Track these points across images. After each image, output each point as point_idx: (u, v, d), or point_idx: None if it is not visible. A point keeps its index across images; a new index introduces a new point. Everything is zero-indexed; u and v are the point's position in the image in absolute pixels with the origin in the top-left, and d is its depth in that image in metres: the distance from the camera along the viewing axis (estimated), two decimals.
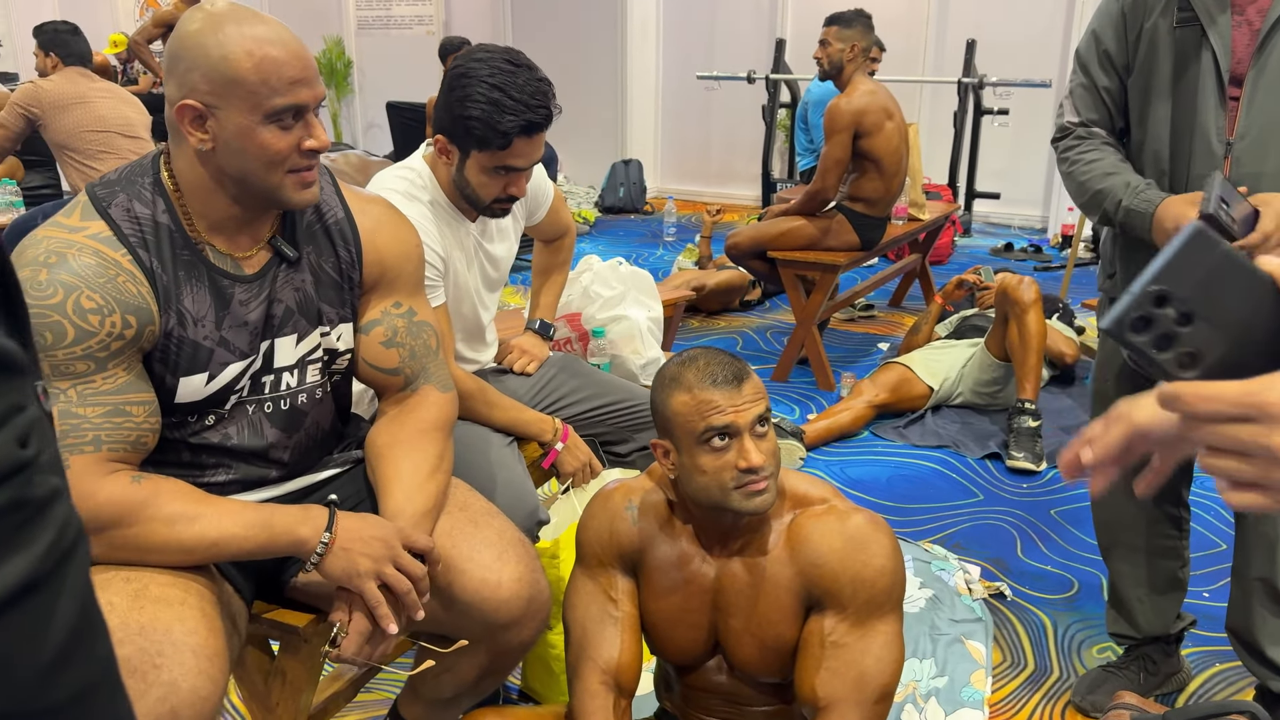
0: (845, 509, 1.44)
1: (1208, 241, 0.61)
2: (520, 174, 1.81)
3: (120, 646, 1.17)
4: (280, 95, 1.24)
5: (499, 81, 1.73)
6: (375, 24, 8.90)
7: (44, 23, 4.19)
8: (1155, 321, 0.61)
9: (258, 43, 1.23)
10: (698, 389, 1.38)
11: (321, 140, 1.29)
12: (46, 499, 0.44)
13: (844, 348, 4.36)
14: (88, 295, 1.22)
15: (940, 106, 6.98)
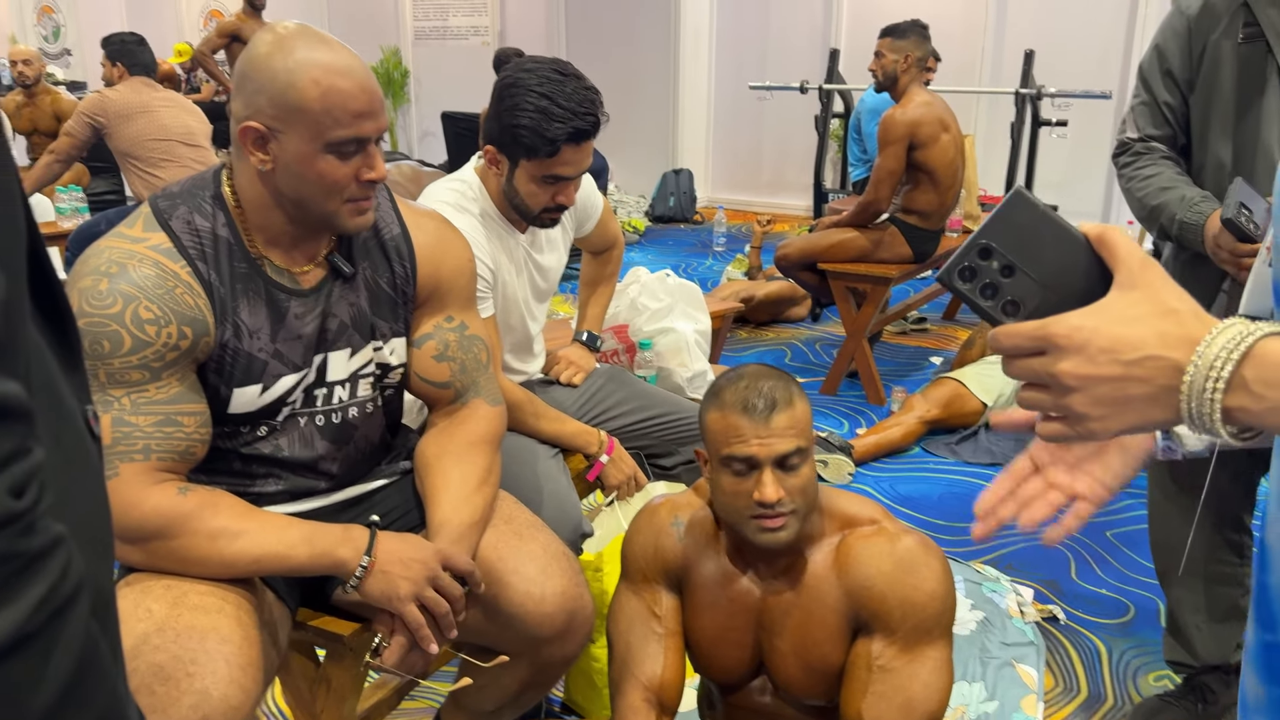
0: (895, 530, 1.41)
1: (1027, 202, 0.69)
2: (569, 183, 1.82)
3: (155, 653, 1.19)
4: (343, 127, 1.25)
5: (547, 90, 1.73)
6: (432, 34, 9.01)
7: (112, 34, 4.30)
8: (980, 272, 0.69)
9: (325, 72, 1.23)
10: (729, 411, 1.35)
11: (380, 172, 1.30)
12: (41, 550, 0.43)
13: (895, 361, 4.31)
14: (146, 306, 1.24)
15: (997, 117, 6.88)
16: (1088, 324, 0.65)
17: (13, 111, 5.47)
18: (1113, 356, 0.64)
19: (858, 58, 6.80)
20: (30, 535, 0.42)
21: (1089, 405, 0.65)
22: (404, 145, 9.36)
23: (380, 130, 1.30)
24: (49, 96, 5.53)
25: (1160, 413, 0.64)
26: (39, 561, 0.43)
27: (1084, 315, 0.65)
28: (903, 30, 3.68)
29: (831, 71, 6.70)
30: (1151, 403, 0.64)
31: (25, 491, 0.42)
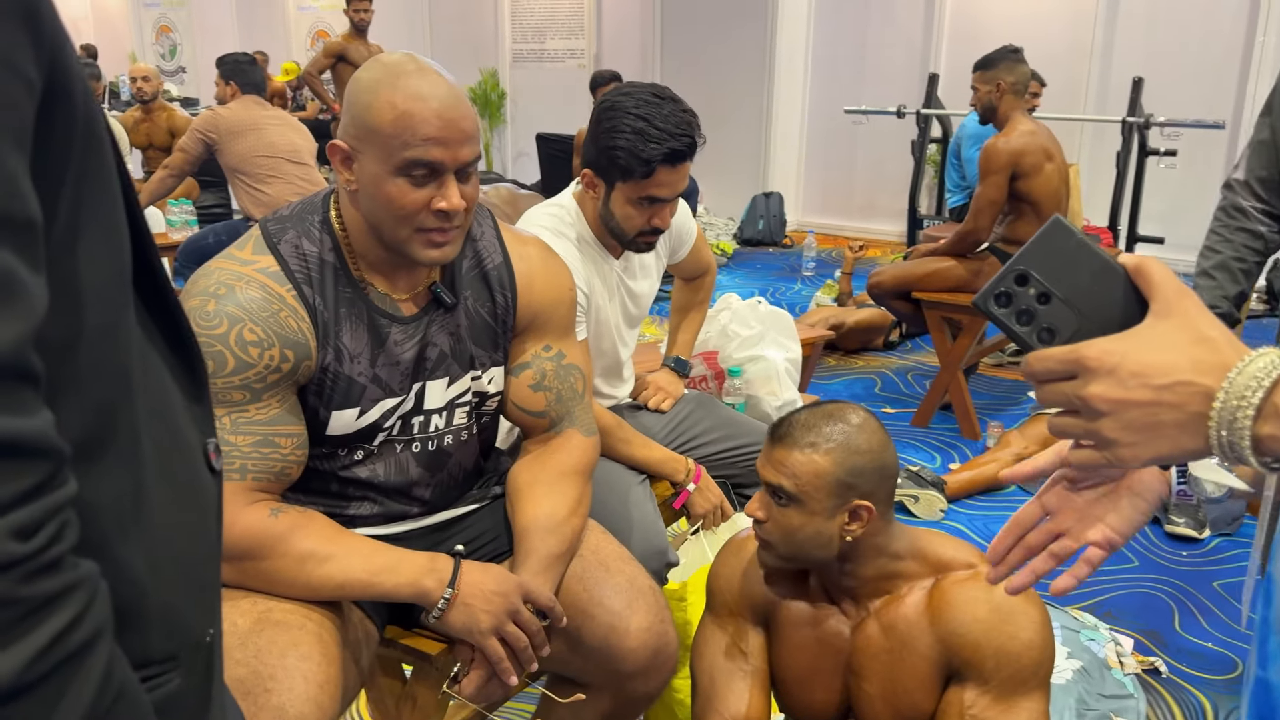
0: None
1: (1065, 230, 0.69)
2: (664, 205, 1.81)
3: (236, 667, 1.20)
4: (411, 149, 1.23)
5: (644, 112, 1.74)
6: (529, 57, 9.16)
7: (226, 54, 4.48)
8: (1016, 298, 0.70)
9: (406, 97, 1.23)
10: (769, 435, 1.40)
11: (453, 203, 1.26)
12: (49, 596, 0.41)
13: (991, 395, 4.20)
14: (250, 328, 1.26)
15: (1102, 145, 6.69)
16: (1119, 348, 0.65)
17: (130, 127, 5.72)
18: (1143, 381, 0.63)
19: (957, 83, 6.70)
20: (37, 580, 0.40)
21: (1119, 430, 0.65)
22: (498, 166, 9.53)
23: (458, 161, 1.26)
24: (165, 113, 5.77)
25: (1191, 440, 0.63)
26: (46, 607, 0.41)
27: (1116, 340, 0.65)
28: (990, 60, 3.60)
29: (930, 96, 6.60)
30: (1182, 430, 0.63)
31: (36, 533, 0.40)
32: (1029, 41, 6.60)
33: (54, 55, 0.43)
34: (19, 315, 0.40)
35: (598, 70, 5.53)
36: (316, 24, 10.45)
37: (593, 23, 8.69)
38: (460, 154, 1.26)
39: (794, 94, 8.02)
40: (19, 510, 0.40)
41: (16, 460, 0.40)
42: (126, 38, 11.98)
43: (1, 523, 0.39)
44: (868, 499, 1.33)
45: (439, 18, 9.64)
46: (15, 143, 0.41)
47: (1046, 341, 0.69)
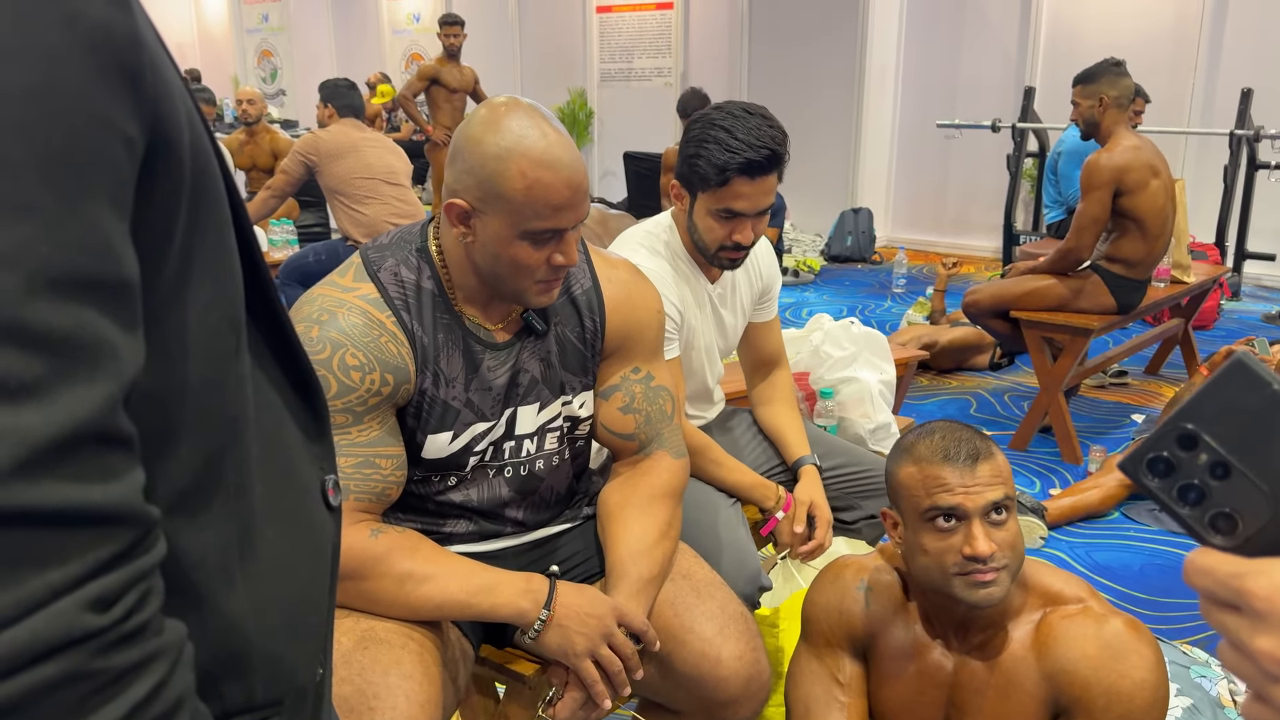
0: (1102, 611, 1.31)
1: (1253, 376, 0.49)
2: (745, 220, 1.79)
3: (340, 685, 1.22)
4: (542, 219, 1.26)
5: (728, 124, 1.74)
6: (617, 76, 9.24)
7: (328, 79, 4.61)
8: (1180, 466, 0.51)
9: (534, 165, 1.23)
10: (928, 463, 1.30)
11: (571, 258, 1.30)
12: (127, 669, 0.40)
13: (1093, 417, 4.05)
14: (352, 353, 1.29)
15: (1207, 159, 6.44)
16: None
17: (235, 148, 5.92)
18: None
19: (1054, 96, 6.53)
20: (115, 651, 0.40)
21: None
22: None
23: (579, 220, 1.29)
24: (268, 135, 5.97)
25: None
26: (123, 679, 0.40)
27: None
28: (1091, 75, 3.48)
29: (1026, 110, 6.46)
30: None
31: (115, 604, 0.40)
32: (1129, 52, 6.41)
33: (156, 109, 0.44)
34: (107, 380, 0.40)
35: (684, 94, 5.52)
36: (411, 47, 10.71)
37: (680, 41, 8.72)
38: (580, 213, 1.29)
39: (884, 108, 7.92)
40: (97, 581, 0.39)
41: (99, 528, 0.40)
42: (230, 61, 12.46)
43: (78, 595, 0.38)
44: None
45: (528, 39, 9.80)
46: (113, 202, 0.41)
47: (1225, 532, 0.51)
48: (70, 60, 0.39)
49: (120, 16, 0.41)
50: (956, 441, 1.30)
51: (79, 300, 0.39)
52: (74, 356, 0.39)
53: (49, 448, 0.37)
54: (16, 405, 0.37)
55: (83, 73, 0.39)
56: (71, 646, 0.38)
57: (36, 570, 0.37)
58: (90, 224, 0.40)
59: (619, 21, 9.07)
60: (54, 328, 0.38)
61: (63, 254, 0.38)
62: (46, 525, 0.38)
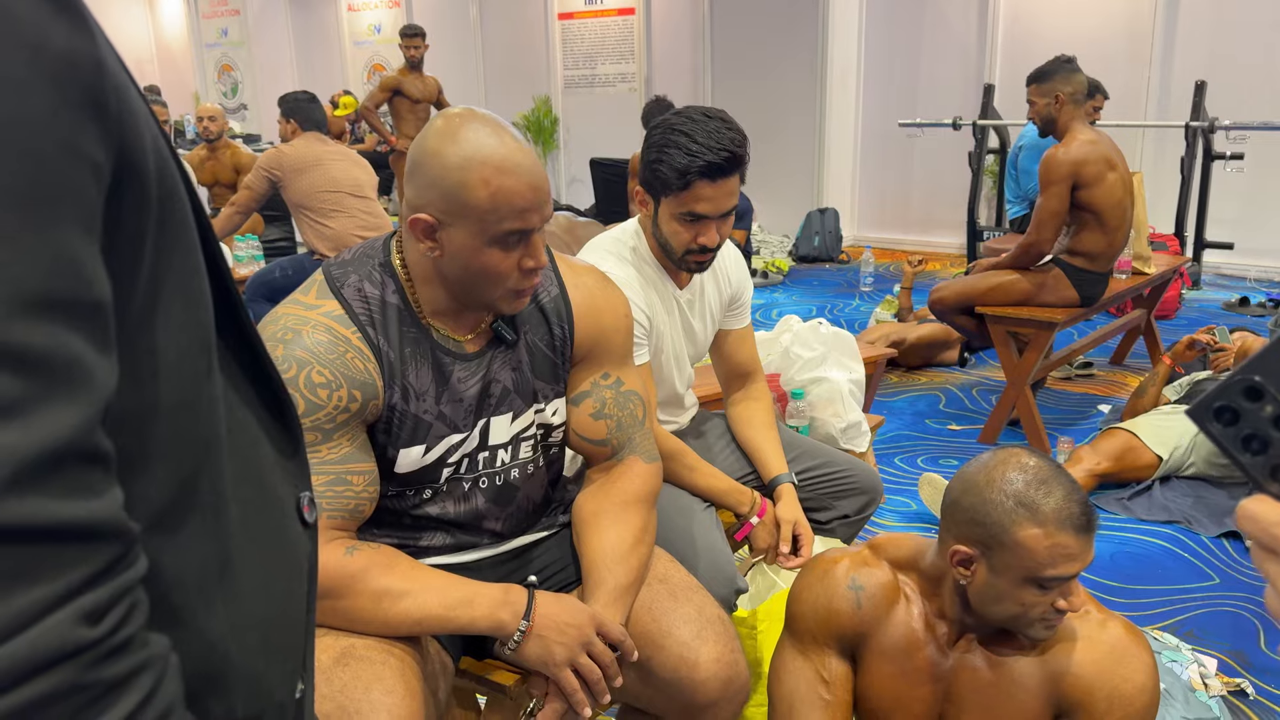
0: (1102, 616, 1.34)
1: None
2: (709, 222, 1.80)
3: (321, 702, 1.22)
4: (509, 221, 1.27)
5: (687, 129, 1.76)
6: (580, 83, 9.25)
7: (287, 93, 4.58)
8: (1244, 416, 0.53)
9: (496, 172, 1.25)
10: (1056, 528, 1.24)
11: (539, 260, 1.32)
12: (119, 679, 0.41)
13: (1060, 409, 4.11)
14: (318, 370, 1.29)
15: (1165, 152, 6.55)
16: None
17: (196, 165, 5.87)
18: None
19: (1013, 93, 6.62)
20: (106, 663, 0.41)
21: None
22: (553, 191, 9.59)
23: (544, 220, 1.31)
24: (229, 150, 5.92)
25: None
26: (115, 690, 0.41)
27: None
28: (1045, 73, 3.54)
29: (986, 107, 6.54)
30: None
31: (105, 617, 0.41)
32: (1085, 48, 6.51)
33: (122, 134, 0.44)
34: (85, 399, 0.41)
35: (648, 104, 5.53)
36: (373, 58, 10.67)
37: (642, 46, 8.75)
38: (545, 213, 1.31)
39: (846, 108, 7.98)
40: (88, 594, 0.40)
41: (85, 544, 0.40)
42: (190, 77, 12.35)
43: (71, 608, 0.39)
44: None
45: (491, 47, 9.79)
46: (83, 227, 0.42)
47: None
48: (36, 90, 0.40)
49: (84, 45, 0.42)
50: (1078, 504, 1.25)
51: (54, 321, 0.40)
52: (52, 376, 0.39)
53: (33, 466, 0.38)
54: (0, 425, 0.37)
55: (49, 102, 0.40)
56: (66, 659, 0.39)
57: (29, 585, 0.38)
58: (62, 248, 0.40)
59: (581, 28, 9.09)
60: (31, 348, 0.39)
61: (36, 277, 0.39)
62: (35, 541, 0.38)
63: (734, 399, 2.16)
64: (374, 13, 10.61)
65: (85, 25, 0.43)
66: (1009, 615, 1.30)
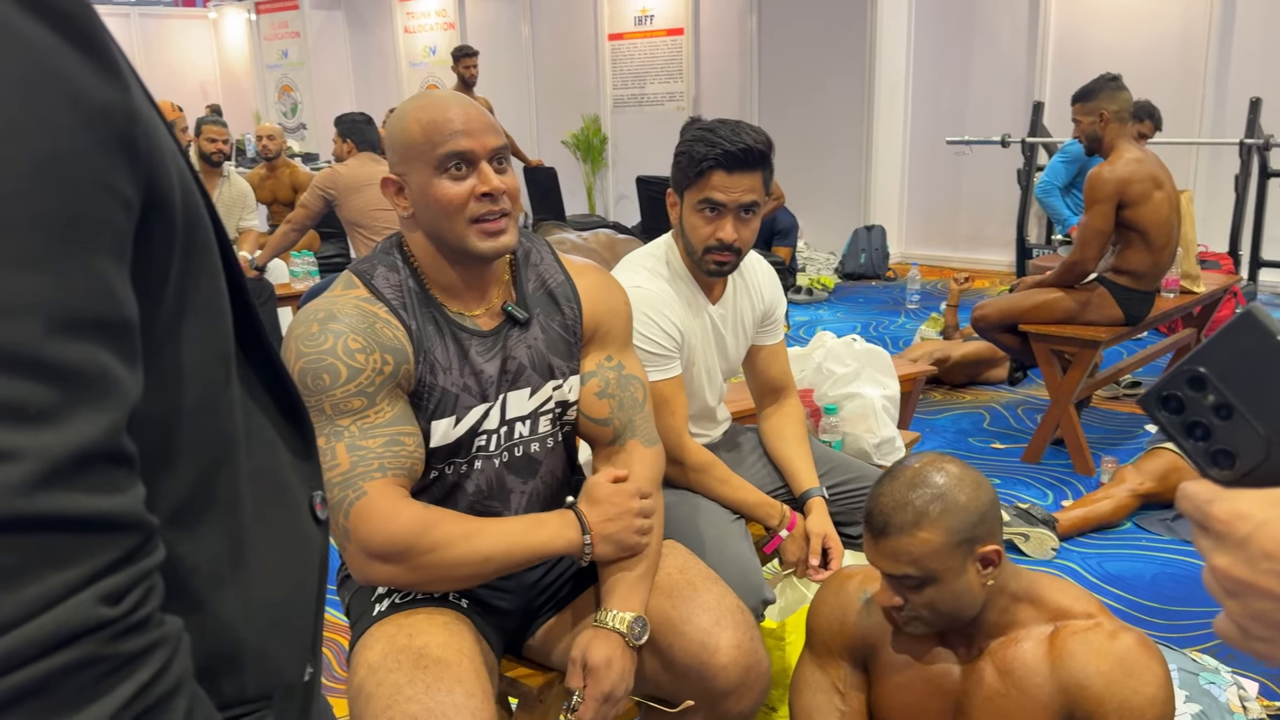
0: (1113, 628, 1.35)
1: (1260, 328, 0.54)
2: (725, 214, 1.85)
3: (409, 704, 1.29)
4: (443, 145, 1.37)
5: (709, 127, 1.86)
6: (629, 102, 9.35)
7: (344, 114, 4.72)
8: (1189, 405, 0.56)
9: (423, 109, 1.39)
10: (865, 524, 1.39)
11: (491, 184, 1.38)
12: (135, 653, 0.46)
13: (1105, 429, 4.07)
14: (352, 337, 1.38)
15: (1219, 169, 6.45)
16: (1258, 514, 0.52)
17: (256, 183, 6.03)
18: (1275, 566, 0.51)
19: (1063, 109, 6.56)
20: (124, 639, 0.46)
21: (1246, 618, 0.53)
22: (600, 209, 9.71)
23: (486, 148, 1.39)
24: (288, 169, 6.08)
25: None
26: (131, 663, 0.46)
27: (1259, 501, 0.52)
28: (1090, 91, 3.52)
29: (1035, 124, 6.49)
30: None
31: (125, 597, 0.46)
32: (1137, 65, 6.44)
33: (150, 172, 0.50)
34: (112, 407, 0.46)
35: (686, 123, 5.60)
36: (428, 79, 10.88)
37: (691, 65, 8.82)
38: (487, 141, 1.39)
39: (894, 126, 7.97)
40: (109, 578, 0.45)
41: (108, 534, 0.46)
42: (251, 97, 12.69)
43: (92, 590, 0.44)
44: (989, 542, 1.34)
45: (541, 68, 9.94)
46: (114, 254, 0.48)
47: (1223, 466, 0.55)
48: (74, 135, 0.46)
49: (118, 95, 0.48)
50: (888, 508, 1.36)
51: (87, 338, 0.45)
52: (85, 387, 0.45)
53: (65, 464, 0.44)
54: (37, 428, 0.43)
55: (85, 146, 0.46)
56: (87, 635, 0.44)
57: (57, 569, 0.43)
58: (95, 273, 0.46)
59: (630, 48, 9.19)
60: (68, 362, 0.44)
61: (73, 299, 0.45)
62: (65, 530, 0.44)
63: (766, 413, 2.19)
64: (429, 35, 10.83)
65: (121, 79, 0.49)
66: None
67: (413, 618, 1.45)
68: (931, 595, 1.33)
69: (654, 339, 1.87)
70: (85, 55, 0.47)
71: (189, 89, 12.39)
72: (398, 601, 1.49)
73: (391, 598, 1.50)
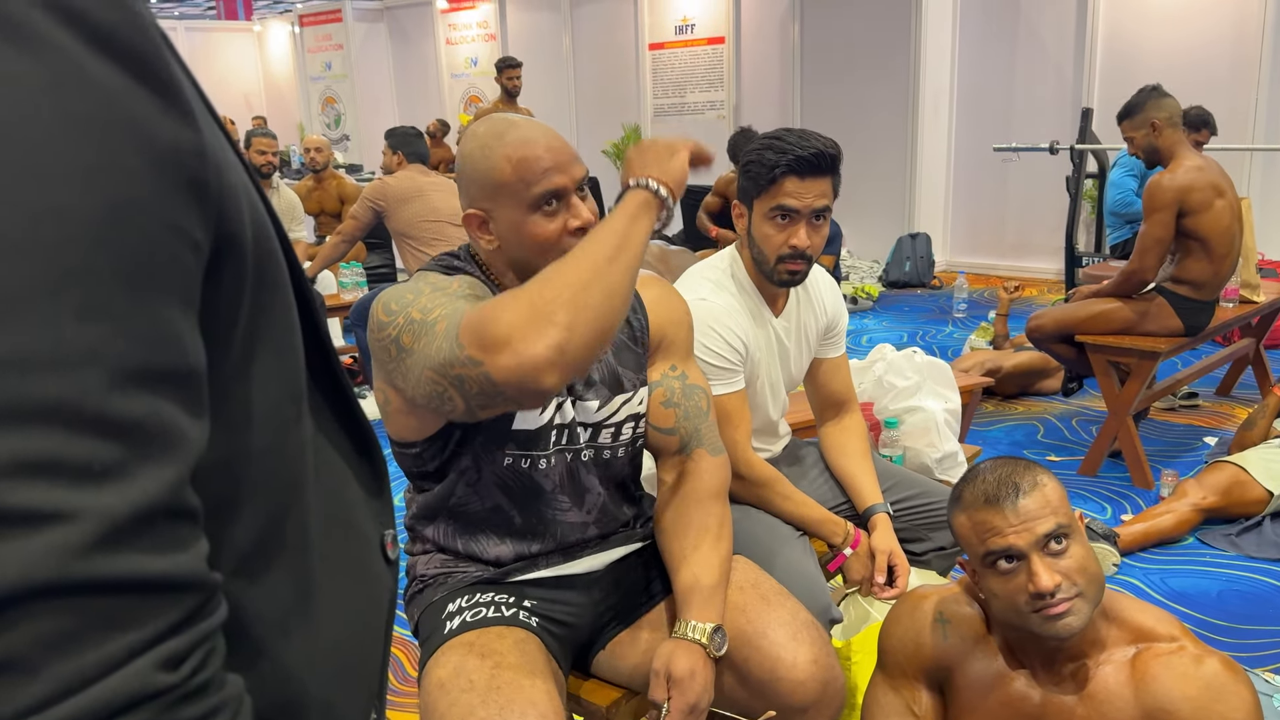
0: (1198, 651, 1.32)
1: None
2: (798, 221, 1.84)
3: None
4: (537, 185, 1.36)
5: (778, 135, 1.85)
6: (670, 111, 9.35)
7: (396, 127, 4.76)
8: None
9: (514, 147, 1.36)
10: (975, 509, 1.33)
11: (583, 218, 1.38)
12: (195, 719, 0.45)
13: (1163, 441, 3.99)
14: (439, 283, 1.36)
15: (1275, 175, 6.32)
16: None
17: (304, 195, 6.10)
18: None
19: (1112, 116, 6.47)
20: (183, 706, 0.44)
21: None
22: None
23: (575, 180, 1.38)
24: (335, 181, 6.14)
25: None
26: None
27: None
28: (1134, 105, 3.44)
29: (1084, 131, 6.40)
30: None
31: (184, 661, 0.44)
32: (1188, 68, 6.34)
33: (221, 211, 0.49)
34: (176, 461, 0.44)
35: (733, 135, 5.57)
36: (469, 90, 10.96)
37: (732, 73, 8.81)
38: (574, 173, 1.39)
39: (939, 133, 7.90)
40: (167, 643, 0.43)
41: (169, 595, 0.44)
42: (295, 109, 12.85)
43: (152, 655, 0.42)
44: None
45: (582, 78, 9.97)
46: (182, 300, 0.46)
47: None
48: (145, 179, 0.44)
49: (188, 135, 0.47)
50: (997, 481, 1.32)
51: (152, 391, 0.44)
52: (148, 442, 0.43)
53: (127, 524, 0.42)
54: (99, 487, 0.41)
55: (156, 189, 0.45)
56: (146, 701, 0.43)
57: (116, 633, 0.42)
58: (162, 321, 0.45)
59: (671, 57, 9.20)
60: (131, 417, 0.43)
61: (138, 350, 0.43)
62: (125, 593, 0.42)
63: (827, 428, 2.17)
64: (470, 46, 10.91)
65: (190, 119, 0.47)
66: (1004, 613, 1.33)
67: (484, 636, 1.44)
68: (1080, 555, 1.30)
69: (719, 352, 1.86)
70: (156, 96, 0.45)
71: (233, 101, 12.59)
72: (469, 620, 1.49)
73: (462, 615, 1.50)
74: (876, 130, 7.87)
